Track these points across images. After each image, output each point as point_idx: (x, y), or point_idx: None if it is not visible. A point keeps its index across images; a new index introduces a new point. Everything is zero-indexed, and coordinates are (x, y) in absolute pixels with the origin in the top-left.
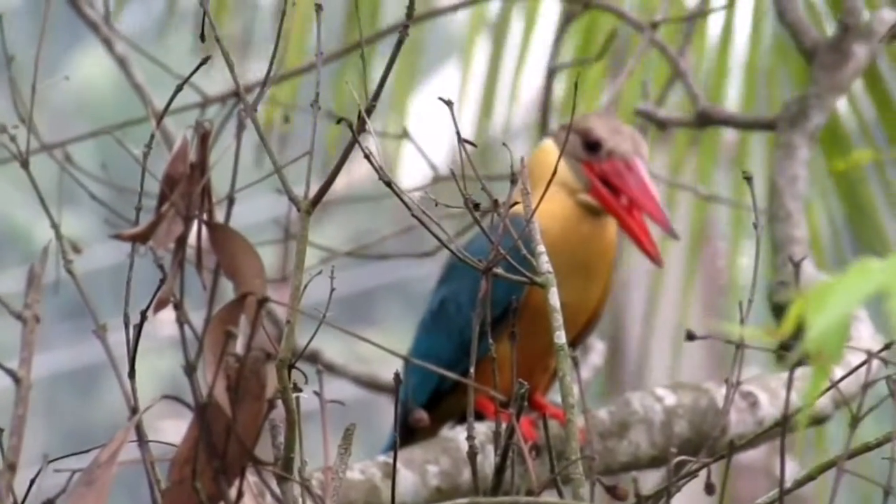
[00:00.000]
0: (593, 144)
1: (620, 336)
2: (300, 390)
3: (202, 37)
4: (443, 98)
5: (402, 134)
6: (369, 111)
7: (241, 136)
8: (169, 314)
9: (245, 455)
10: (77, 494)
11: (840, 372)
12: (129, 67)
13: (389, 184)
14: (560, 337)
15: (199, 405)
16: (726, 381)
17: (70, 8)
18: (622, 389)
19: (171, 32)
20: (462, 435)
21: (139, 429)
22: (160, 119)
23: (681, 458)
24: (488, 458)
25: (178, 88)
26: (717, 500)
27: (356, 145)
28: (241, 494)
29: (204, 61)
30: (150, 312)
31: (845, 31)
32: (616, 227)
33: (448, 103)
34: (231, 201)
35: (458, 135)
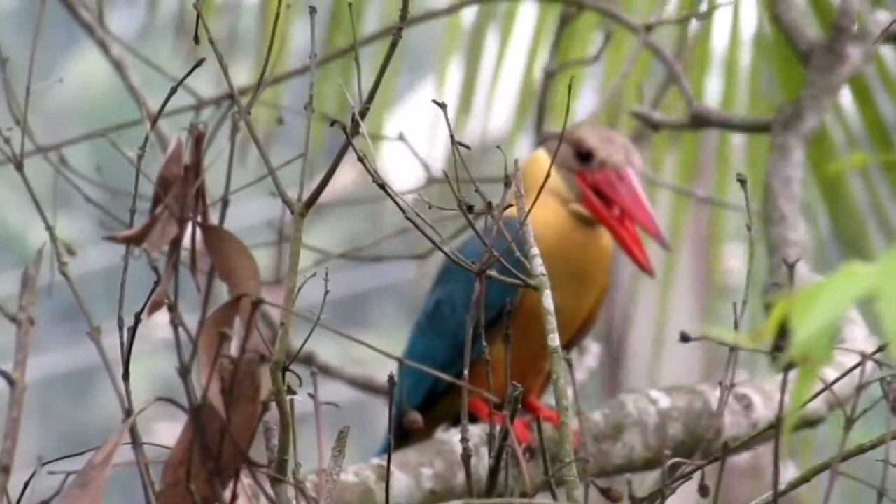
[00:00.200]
0: (585, 154)
1: (615, 338)
2: (294, 392)
3: (196, 39)
4: (437, 101)
5: (398, 137)
6: (363, 114)
7: (235, 139)
8: (163, 316)
9: (239, 457)
10: (71, 496)
11: (834, 374)
12: (124, 70)
13: (384, 186)
14: (554, 339)
15: (194, 407)
16: (720, 383)
17: (65, 10)
18: (617, 392)
19: (160, 35)
20: (456, 437)
21: (133, 431)
22: (154, 121)
23: (675, 460)
24: (482, 461)
25: (173, 91)
26: (711, 502)
27: (350, 148)
28: (235, 496)
29: (198, 63)
30: (144, 315)
31: (840, 33)
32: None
33: (442, 106)
34: (225, 203)
35: (452, 137)
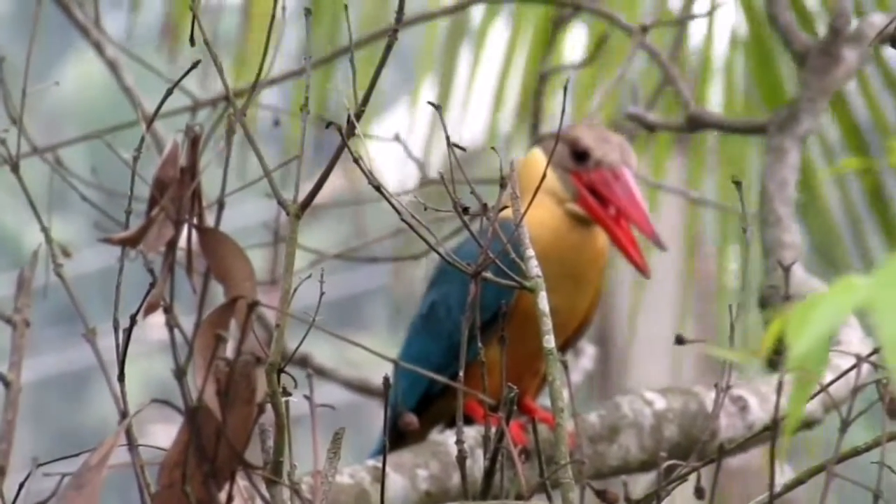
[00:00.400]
0: (581, 154)
1: (611, 340)
2: (290, 394)
3: (192, 41)
4: (432, 102)
5: (394, 138)
6: (359, 116)
7: (232, 140)
8: (158, 318)
9: (235, 459)
10: (67, 498)
11: (830, 376)
12: (119, 71)
13: (379, 188)
14: (549, 341)
15: (190, 409)
16: (716, 385)
17: (60, 12)
18: (612, 393)
19: (152, 36)
20: (451, 439)
21: (129, 432)
22: (150, 122)
23: (671, 462)
24: (477, 462)
25: (169, 92)
26: None
27: (345, 149)
28: (230, 498)
29: (195, 65)
30: (139, 316)
31: (835, 35)
32: (606, 234)
33: (437, 107)
34: (221, 205)
35: (448, 139)
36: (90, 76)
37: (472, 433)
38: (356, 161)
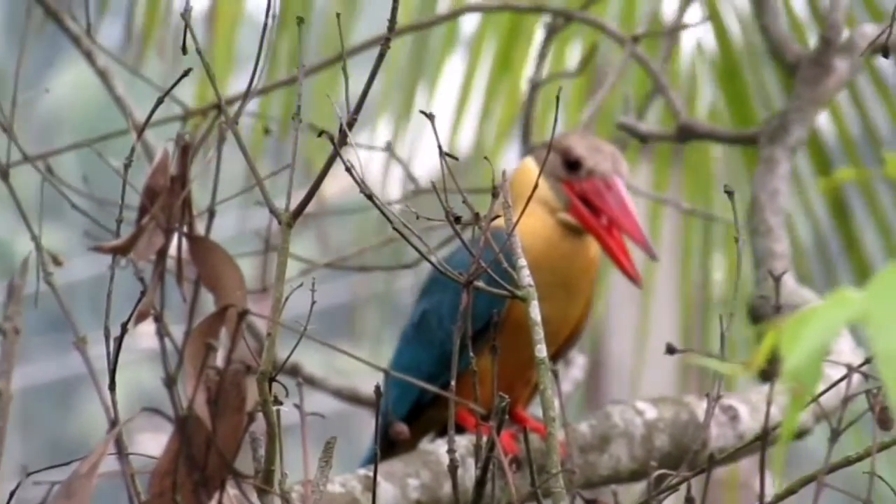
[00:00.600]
0: (573, 163)
1: (601, 350)
2: (280, 403)
3: (184, 49)
4: (424, 111)
5: (385, 147)
6: (351, 124)
7: (223, 149)
8: (147, 327)
9: (225, 468)
10: None
11: (820, 386)
12: (111, 80)
13: (371, 196)
14: (541, 350)
15: (180, 418)
16: (707, 395)
17: (51, 20)
18: (602, 403)
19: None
20: (442, 448)
21: (119, 441)
22: (141, 131)
23: (661, 471)
24: (469, 472)
25: (160, 101)
26: None
27: (338, 158)
28: None
29: (185, 73)
30: (130, 325)
31: (827, 46)
32: (597, 244)
33: (430, 116)
34: (212, 214)
35: (440, 147)
36: (83, 83)
37: (463, 442)
38: (348, 170)
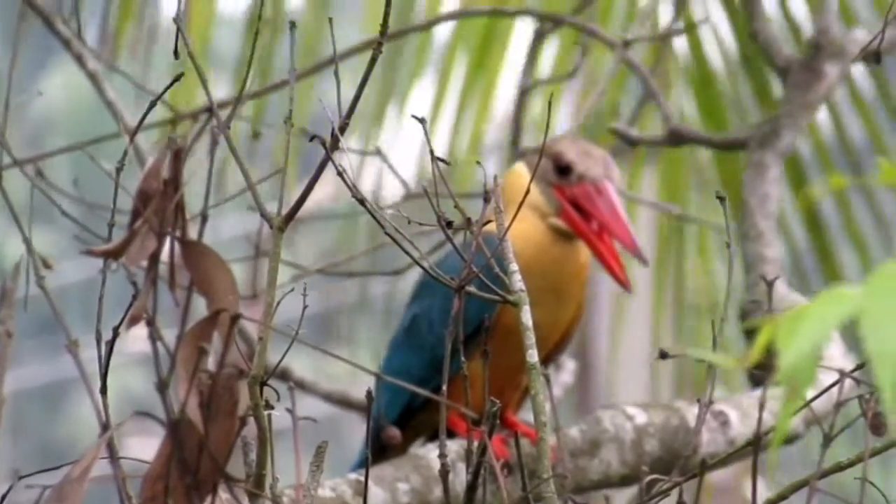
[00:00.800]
0: (564, 168)
1: (591, 354)
2: (272, 407)
3: (176, 53)
4: (416, 116)
5: (375, 151)
6: (343, 129)
7: (215, 153)
8: (136, 331)
9: (217, 472)
10: None
11: (812, 391)
12: (101, 83)
13: (363, 201)
14: (532, 355)
15: (172, 422)
16: (698, 400)
17: (42, 24)
18: (592, 408)
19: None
20: (433, 452)
21: (111, 445)
22: (133, 135)
23: (653, 476)
24: (459, 476)
25: (152, 105)
26: None
27: (329, 162)
28: None
29: (177, 78)
30: (122, 328)
31: (817, 51)
32: (588, 249)
33: (421, 121)
34: (204, 218)
35: (432, 152)
36: (75, 86)
37: (453, 447)
38: (340, 174)
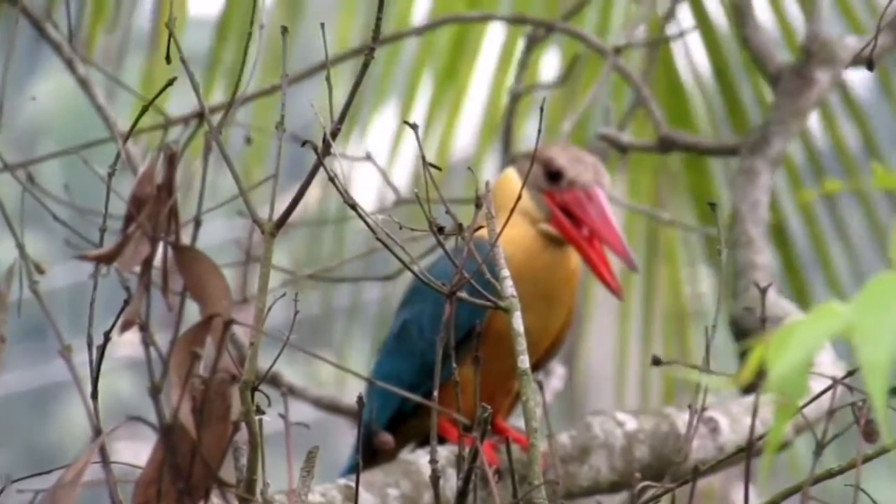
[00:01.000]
0: (555, 174)
1: (580, 360)
2: (263, 413)
3: (167, 58)
4: (408, 122)
5: (365, 156)
6: (334, 134)
7: (208, 158)
8: (127, 335)
9: (209, 477)
10: None
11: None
12: (92, 88)
13: (354, 206)
14: (523, 361)
15: (165, 426)
16: (689, 406)
17: (33, 28)
18: (581, 414)
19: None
20: (423, 458)
21: (103, 450)
22: (125, 140)
23: (644, 483)
24: (449, 482)
25: (144, 109)
26: None
27: (321, 168)
28: None
29: (170, 82)
30: (115, 333)
31: (808, 57)
32: (578, 254)
33: (413, 126)
34: (198, 223)
35: (423, 158)
36: (65, 91)
37: (443, 453)
38: (331, 180)
